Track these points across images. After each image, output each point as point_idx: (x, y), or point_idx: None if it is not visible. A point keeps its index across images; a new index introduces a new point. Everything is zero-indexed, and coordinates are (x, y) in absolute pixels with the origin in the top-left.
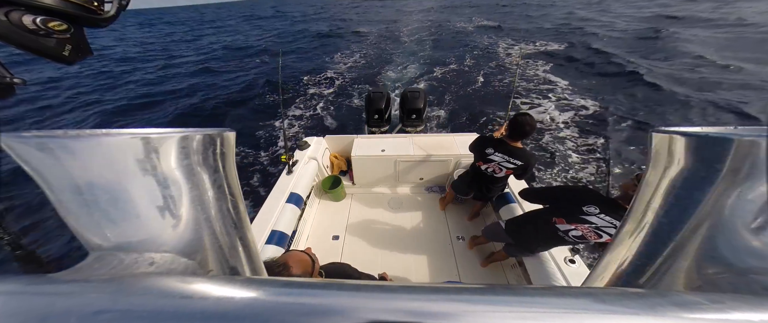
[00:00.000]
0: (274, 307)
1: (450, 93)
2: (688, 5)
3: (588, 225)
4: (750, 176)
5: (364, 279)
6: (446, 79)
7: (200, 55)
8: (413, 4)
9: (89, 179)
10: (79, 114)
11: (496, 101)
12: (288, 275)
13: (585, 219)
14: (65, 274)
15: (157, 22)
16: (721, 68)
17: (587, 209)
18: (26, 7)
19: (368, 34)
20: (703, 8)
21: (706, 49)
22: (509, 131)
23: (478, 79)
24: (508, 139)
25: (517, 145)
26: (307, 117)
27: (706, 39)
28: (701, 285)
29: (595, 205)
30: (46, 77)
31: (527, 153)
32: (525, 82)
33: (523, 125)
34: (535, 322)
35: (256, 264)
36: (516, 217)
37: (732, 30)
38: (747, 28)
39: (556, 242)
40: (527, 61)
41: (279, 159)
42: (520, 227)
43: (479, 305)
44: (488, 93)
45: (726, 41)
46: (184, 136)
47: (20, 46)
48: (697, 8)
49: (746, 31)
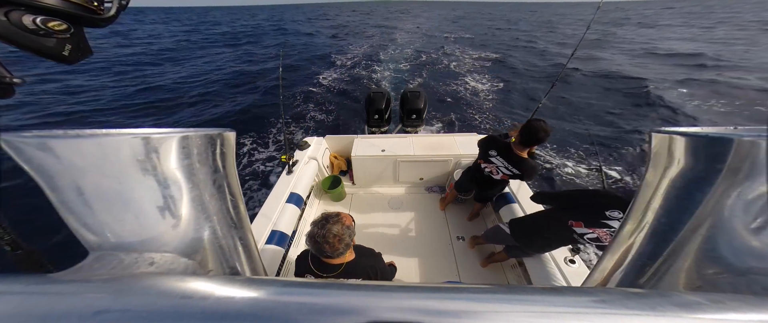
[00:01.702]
0: (273, 307)
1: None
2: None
3: (608, 229)
4: (750, 176)
5: (389, 272)
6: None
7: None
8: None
9: (89, 179)
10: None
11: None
12: (341, 224)
13: (607, 224)
14: (65, 274)
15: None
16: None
17: (611, 214)
18: (26, 7)
19: (373, 36)
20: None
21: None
22: (521, 137)
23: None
24: (517, 146)
25: (523, 153)
26: (307, 117)
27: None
28: (701, 285)
29: (619, 210)
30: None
31: (529, 165)
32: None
33: (538, 131)
34: (535, 322)
35: (256, 264)
36: (521, 218)
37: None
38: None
39: (567, 243)
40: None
41: (279, 159)
42: (527, 229)
43: (479, 305)
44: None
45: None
46: (185, 136)
47: (20, 46)
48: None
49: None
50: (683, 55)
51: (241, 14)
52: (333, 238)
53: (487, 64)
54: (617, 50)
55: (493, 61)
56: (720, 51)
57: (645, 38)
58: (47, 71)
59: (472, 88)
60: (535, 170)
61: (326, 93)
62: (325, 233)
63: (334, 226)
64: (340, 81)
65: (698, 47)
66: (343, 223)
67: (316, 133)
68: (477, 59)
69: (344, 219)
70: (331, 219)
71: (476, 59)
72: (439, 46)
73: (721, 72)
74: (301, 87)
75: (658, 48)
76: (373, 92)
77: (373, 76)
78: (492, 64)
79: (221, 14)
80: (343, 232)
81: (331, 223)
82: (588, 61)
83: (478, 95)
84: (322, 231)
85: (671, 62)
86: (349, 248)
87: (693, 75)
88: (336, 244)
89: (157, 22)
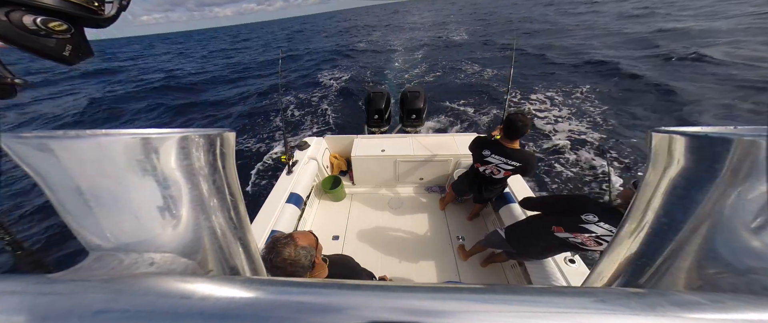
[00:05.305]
0: (273, 307)
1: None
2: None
3: (588, 234)
4: (750, 176)
5: (365, 274)
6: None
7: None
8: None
9: (89, 179)
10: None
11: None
12: (293, 245)
13: (584, 228)
14: (65, 274)
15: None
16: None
17: (586, 217)
18: (27, 8)
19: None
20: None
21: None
22: (504, 132)
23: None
24: (504, 140)
25: (513, 145)
26: (307, 117)
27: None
28: (701, 285)
29: (593, 213)
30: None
31: (525, 153)
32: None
33: (516, 123)
34: (535, 322)
35: (256, 264)
36: (516, 224)
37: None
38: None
39: (559, 249)
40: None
41: (279, 159)
42: (521, 236)
43: (479, 305)
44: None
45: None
46: (184, 136)
47: (21, 47)
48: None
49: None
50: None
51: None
52: (282, 262)
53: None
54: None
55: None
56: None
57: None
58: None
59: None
60: (532, 157)
61: (326, 93)
62: (273, 258)
63: (285, 249)
64: (340, 81)
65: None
66: (295, 245)
67: (316, 133)
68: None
69: (298, 239)
70: (280, 242)
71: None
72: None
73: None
74: (301, 87)
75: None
76: (372, 92)
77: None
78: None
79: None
80: (297, 254)
81: (281, 246)
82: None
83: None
84: (270, 255)
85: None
86: (314, 267)
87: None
88: (287, 268)
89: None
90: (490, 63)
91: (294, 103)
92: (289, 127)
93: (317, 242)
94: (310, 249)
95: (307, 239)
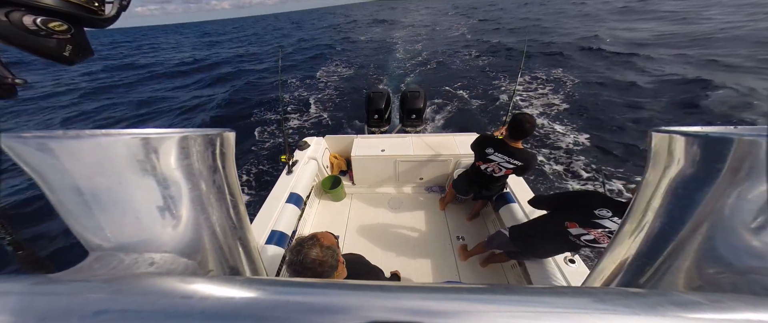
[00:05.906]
0: (273, 307)
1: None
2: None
3: (601, 229)
4: (750, 176)
5: (376, 271)
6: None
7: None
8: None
9: (89, 179)
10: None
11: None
12: (319, 245)
13: (598, 223)
14: (65, 274)
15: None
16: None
17: (600, 213)
18: (27, 8)
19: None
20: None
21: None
22: (509, 131)
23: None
24: (508, 139)
25: (517, 145)
26: (307, 117)
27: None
28: (701, 284)
29: (607, 209)
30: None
31: (528, 153)
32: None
33: (523, 123)
34: (535, 322)
35: (256, 265)
36: (521, 225)
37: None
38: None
39: (566, 247)
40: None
41: (279, 159)
42: (527, 235)
43: (479, 305)
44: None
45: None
46: (184, 136)
47: (21, 47)
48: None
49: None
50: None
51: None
52: (312, 263)
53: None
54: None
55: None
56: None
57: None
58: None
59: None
60: (534, 157)
61: (327, 93)
62: (302, 260)
63: (312, 250)
64: (340, 80)
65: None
66: (321, 245)
67: (316, 133)
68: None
69: (322, 239)
70: (307, 243)
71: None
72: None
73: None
74: (301, 87)
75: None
76: (372, 92)
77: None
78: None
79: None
80: (324, 254)
81: (308, 247)
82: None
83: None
84: (298, 257)
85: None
86: (336, 268)
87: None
88: (317, 268)
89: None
90: (496, 64)
91: (294, 103)
92: (288, 127)
93: (337, 242)
94: (334, 249)
95: (329, 239)
